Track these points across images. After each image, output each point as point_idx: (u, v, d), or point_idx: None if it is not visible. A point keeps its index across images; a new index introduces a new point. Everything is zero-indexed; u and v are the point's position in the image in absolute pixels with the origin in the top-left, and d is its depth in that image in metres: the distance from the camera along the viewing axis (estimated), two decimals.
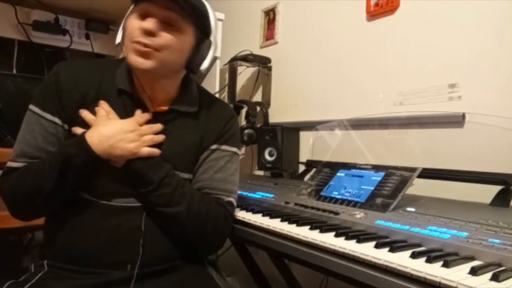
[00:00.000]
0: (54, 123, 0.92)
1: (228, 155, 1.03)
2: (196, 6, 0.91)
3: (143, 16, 0.89)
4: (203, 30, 0.96)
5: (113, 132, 0.88)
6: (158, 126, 0.95)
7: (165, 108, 0.99)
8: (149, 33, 0.87)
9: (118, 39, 0.96)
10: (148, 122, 0.94)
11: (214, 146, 1.02)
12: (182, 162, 0.98)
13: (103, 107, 0.93)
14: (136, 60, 0.88)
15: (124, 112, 0.94)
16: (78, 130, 0.91)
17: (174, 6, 0.88)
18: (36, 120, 0.91)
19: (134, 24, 0.89)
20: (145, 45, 0.88)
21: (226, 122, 1.05)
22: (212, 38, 0.98)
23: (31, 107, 0.93)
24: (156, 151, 0.92)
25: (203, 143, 1.01)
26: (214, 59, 1.87)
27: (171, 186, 0.91)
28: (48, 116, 0.91)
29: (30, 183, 0.87)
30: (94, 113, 0.92)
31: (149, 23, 0.87)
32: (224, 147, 1.03)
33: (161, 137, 0.94)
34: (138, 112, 0.94)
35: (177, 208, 0.91)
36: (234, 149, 1.05)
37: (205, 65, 0.98)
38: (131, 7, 0.94)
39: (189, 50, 0.95)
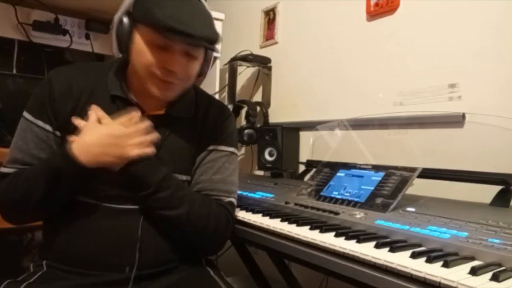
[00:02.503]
0: (45, 130, 0.92)
1: (225, 155, 1.03)
2: (214, 40, 0.90)
3: (163, 47, 0.88)
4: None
5: (96, 140, 0.86)
6: (146, 124, 0.91)
7: (161, 112, 0.98)
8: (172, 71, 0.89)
9: (116, 51, 0.94)
10: None
11: (211, 147, 1.01)
12: (179, 164, 0.98)
13: (96, 112, 0.90)
14: (158, 93, 0.91)
15: (119, 117, 0.93)
16: (72, 139, 0.89)
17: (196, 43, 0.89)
18: (28, 126, 0.92)
19: (154, 56, 0.88)
20: (169, 82, 0.90)
21: (223, 122, 1.05)
22: None
23: (25, 114, 0.93)
24: (147, 151, 0.90)
25: (200, 144, 1.01)
26: (214, 59, 1.87)
27: (171, 189, 0.91)
28: (40, 123, 0.92)
29: (20, 190, 0.87)
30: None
31: (175, 66, 0.88)
32: (221, 147, 1.03)
33: (153, 136, 0.92)
34: (124, 115, 0.91)
35: (177, 211, 0.90)
36: (232, 149, 1.05)
37: (208, 69, 1.02)
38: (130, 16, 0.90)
39: (199, 70, 0.98)
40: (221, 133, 1.03)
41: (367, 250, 0.74)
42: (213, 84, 1.86)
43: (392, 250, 0.74)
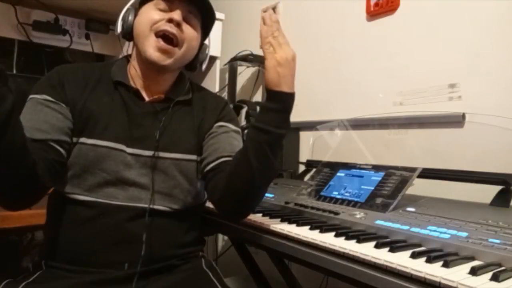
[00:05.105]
0: (57, 103, 0.91)
1: (235, 131, 1.06)
2: (211, 6, 0.99)
3: (166, 9, 0.94)
4: (206, 32, 1.04)
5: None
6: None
7: (161, 96, 1.01)
8: (176, 24, 0.93)
9: (119, 29, 0.99)
10: (144, 111, 0.97)
11: (218, 124, 1.05)
12: (184, 145, 1.00)
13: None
14: (158, 56, 0.94)
15: (122, 102, 0.97)
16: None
17: (195, 1, 0.95)
18: (37, 102, 0.90)
19: (159, 15, 0.94)
20: (171, 37, 0.93)
21: (223, 107, 1.09)
22: (206, 41, 1.07)
23: (31, 96, 0.92)
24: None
25: (202, 126, 1.03)
26: (214, 59, 1.87)
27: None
28: (51, 99, 0.91)
29: None
30: (94, 101, 0.94)
31: (178, 15, 0.93)
32: (229, 124, 1.06)
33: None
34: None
35: (276, 161, 0.90)
36: (239, 129, 1.08)
37: (204, 65, 1.07)
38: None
39: (197, 48, 1.02)
40: (224, 115, 1.07)
41: (367, 250, 0.74)
42: (213, 84, 1.87)
43: (392, 250, 0.74)
